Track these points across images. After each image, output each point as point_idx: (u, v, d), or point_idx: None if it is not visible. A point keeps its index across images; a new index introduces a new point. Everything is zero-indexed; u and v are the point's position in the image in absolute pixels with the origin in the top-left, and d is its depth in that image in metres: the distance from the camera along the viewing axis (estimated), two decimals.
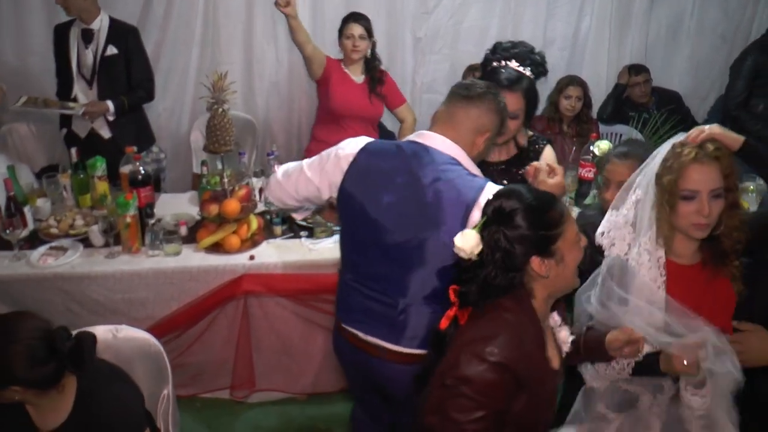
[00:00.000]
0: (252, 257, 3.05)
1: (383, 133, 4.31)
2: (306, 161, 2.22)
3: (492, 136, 2.13)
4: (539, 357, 1.67)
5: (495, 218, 1.65)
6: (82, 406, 1.90)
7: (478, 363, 1.56)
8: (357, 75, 4.02)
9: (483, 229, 1.66)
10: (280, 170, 2.31)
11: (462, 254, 1.64)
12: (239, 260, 3.03)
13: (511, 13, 4.68)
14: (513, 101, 2.33)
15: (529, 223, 1.62)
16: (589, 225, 2.21)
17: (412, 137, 2.11)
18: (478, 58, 4.41)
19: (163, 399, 2.22)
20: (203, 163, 3.68)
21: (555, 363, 1.75)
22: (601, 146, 3.27)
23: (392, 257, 2.02)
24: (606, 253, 1.95)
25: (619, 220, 1.94)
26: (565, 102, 4.26)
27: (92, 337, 1.90)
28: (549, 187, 2.10)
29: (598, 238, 1.97)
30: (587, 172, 3.44)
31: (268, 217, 3.31)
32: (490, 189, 1.93)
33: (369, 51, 4.00)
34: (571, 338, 1.81)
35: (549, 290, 1.70)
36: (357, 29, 3.91)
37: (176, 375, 2.99)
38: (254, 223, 3.15)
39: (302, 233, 3.23)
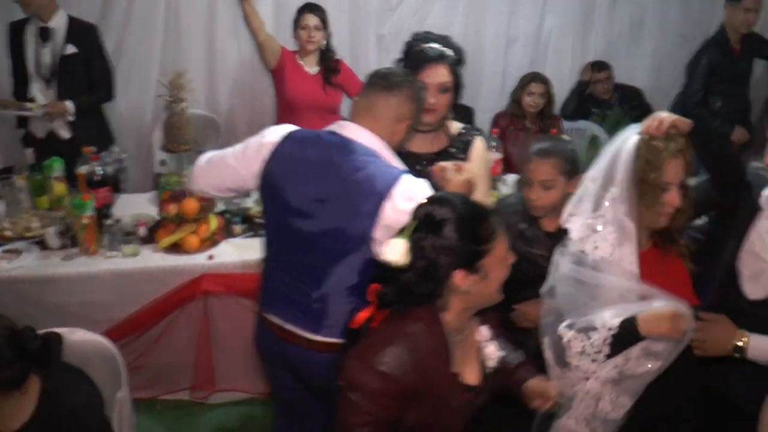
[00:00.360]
0: (211, 257, 3.03)
1: None
2: (229, 149, 2.21)
3: (412, 123, 2.14)
4: (440, 371, 1.63)
5: (424, 224, 1.61)
6: (47, 407, 1.85)
7: (365, 370, 1.56)
8: (311, 66, 4.00)
9: (412, 233, 1.62)
10: (203, 158, 2.28)
11: (391, 262, 1.61)
12: (198, 260, 3.01)
13: (474, 11, 4.71)
14: (441, 73, 2.33)
15: (458, 236, 1.57)
16: (512, 215, 2.32)
17: (332, 128, 2.11)
18: None
19: (117, 402, 2.18)
20: (162, 162, 3.65)
21: (471, 378, 1.72)
22: None
23: (312, 246, 2.03)
24: (589, 254, 1.94)
25: (598, 222, 1.94)
26: (528, 98, 4.28)
27: (58, 338, 1.87)
28: (456, 186, 2.10)
29: (580, 243, 1.96)
30: None
31: (228, 216, 3.29)
32: (406, 181, 1.95)
33: (324, 42, 3.98)
34: (499, 354, 1.79)
35: (467, 304, 1.67)
36: (312, 20, 3.89)
37: (136, 377, 2.98)
38: (213, 222, 3.12)
39: (261, 232, 3.20)
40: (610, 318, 1.90)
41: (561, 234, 2.23)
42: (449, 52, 2.39)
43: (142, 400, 3.09)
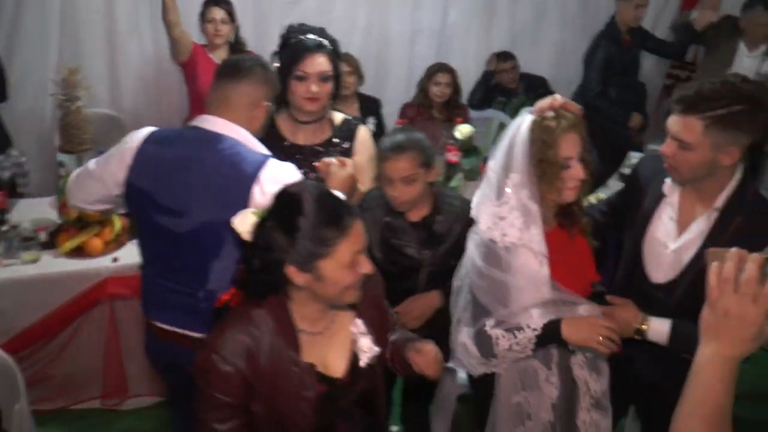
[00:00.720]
0: (116, 259, 2.94)
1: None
2: (92, 161, 2.16)
3: (270, 105, 2.15)
4: (287, 360, 1.63)
5: (275, 211, 1.59)
6: None
7: (208, 354, 1.59)
8: (222, 60, 3.92)
9: (266, 216, 1.60)
10: (75, 172, 2.23)
11: (238, 233, 1.61)
12: (103, 263, 2.92)
13: (378, 4, 4.75)
14: (321, 62, 2.36)
15: (301, 232, 1.53)
16: (376, 207, 2.35)
17: (193, 123, 2.10)
18: (346, 48, 4.46)
19: (16, 415, 2.10)
20: (61, 164, 3.51)
21: (335, 371, 1.72)
22: (463, 130, 3.36)
23: (188, 246, 2.02)
24: (498, 242, 1.96)
25: (502, 210, 1.96)
26: (434, 89, 4.33)
27: None
28: (339, 180, 2.13)
29: (489, 233, 1.97)
30: (453, 156, 3.53)
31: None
32: (272, 165, 1.98)
33: (233, 36, 3.92)
34: (376, 349, 1.78)
35: (312, 298, 1.64)
36: (218, 13, 3.84)
37: (41, 388, 2.88)
38: (117, 223, 3.03)
39: None
40: (537, 317, 1.96)
41: (426, 223, 2.34)
42: (326, 42, 2.40)
43: (50, 411, 2.98)
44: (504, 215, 1.96)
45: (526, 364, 2.07)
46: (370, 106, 4.37)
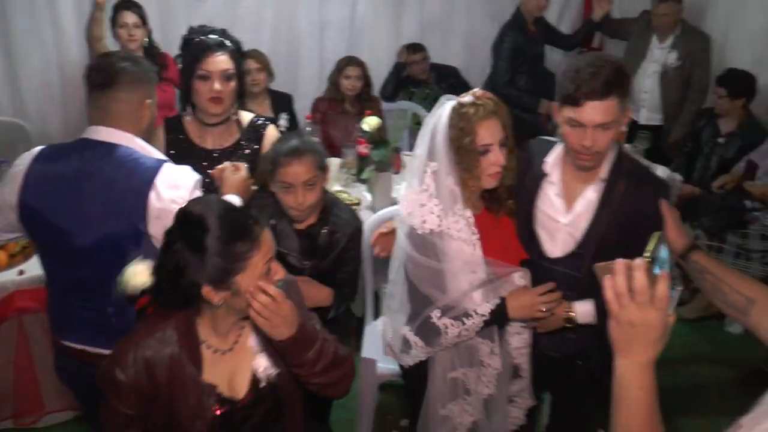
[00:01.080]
0: (22, 272, 2.85)
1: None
2: None
3: (153, 101, 2.08)
4: (187, 378, 1.62)
5: (178, 229, 1.56)
6: None
7: (108, 362, 1.61)
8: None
9: (168, 234, 1.58)
10: None
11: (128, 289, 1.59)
12: (8, 277, 2.82)
13: None
14: (223, 60, 2.36)
15: (210, 251, 1.50)
16: (262, 209, 2.31)
17: (84, 135, 2.03)
18: (256, 44, 4.43)
19: None
20: None
21: (237, 391, 1.69)
22: (370, 122, 3.39)
23: (90, 261, 1.96)
24: (418, 228, 1.99)
25: (422, 197, 1.99)
26: (345, 82, 4.34)
27: None
28: (233, 185, 2.14)
29: (409, 219, 2.02)
30: (363, 148, 3.56)
31: None
32: (167, 170, 1.93)
33: (146, 39, 3.84)
34: (270, 370, 1.74)
35: (227, 313, 1.63)
36: (130, 17, 3.75)
37: None
38: None
39: None
40: (479, 300, 2.03)
41: (311, 233, 2.35)
42: (228, 41, 2.41)
43: None
44: (424, 202, 1.99)
45: (466, 343, 2.12)
46: (281, 102, 4.35)
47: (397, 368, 2.63)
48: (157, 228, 1.83)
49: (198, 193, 1.96)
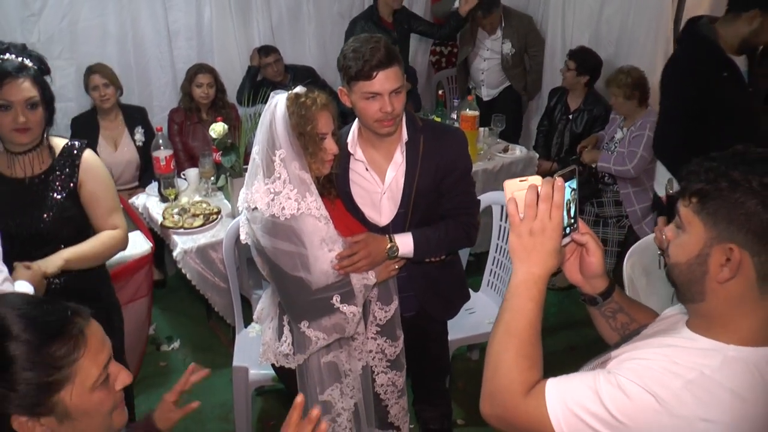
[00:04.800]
0: None
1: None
2: None
3: None
4: None
5: None
6: None
7: None
8: None
9: None
10: None
11: None
12: None
13: (126, 8, 4.57)
14: (26, 87, 2.12)
15: (18, 363, 1.12)
16: None
17: None
18: (102, 58, 4.26)
19: None
20: None
21: None
22: (217, 129, 3.32)
23: None
24: (280, 216, 2.05)
25: (276, 185, 2.05)
26: (197, 90, 4.26)
27: None
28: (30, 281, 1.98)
29: (269, 210, 2.06)
30: (217, 156, 3.50)
31: None
32: None
33: None
34: None
35: None
36: None
37: None
38: None
39: None
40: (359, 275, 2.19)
41: None
42: (30, 62, 2.19)
43: None
44: (279, 190, 2.06)
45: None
46: (135, 116, 4.22)
47: (270, 372, 2.63)
48: None
49: None
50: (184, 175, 3.87)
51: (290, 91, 2.09)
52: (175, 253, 3.31)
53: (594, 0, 4.98)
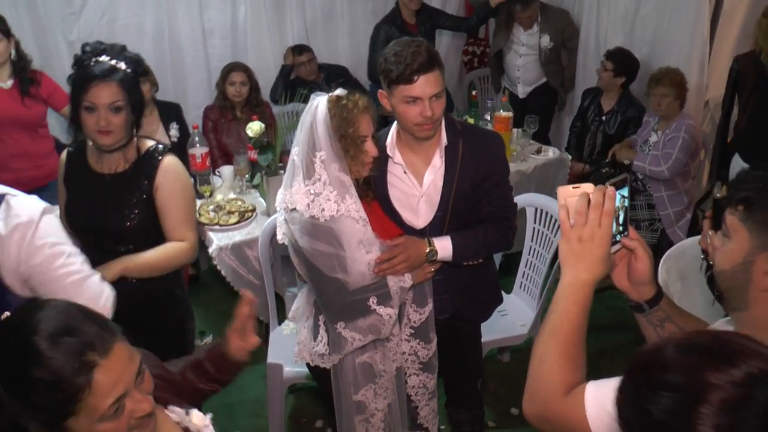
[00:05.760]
0: None
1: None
2: None
3: None
4: None
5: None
6: None
7: None
8: (4, 80, 3.61)
9: None
10: None
11: None
12: None
13: (163, 7, 4.64)
14: (111, 92, 2.16)
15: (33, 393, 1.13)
16: None
17: None
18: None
19: None
20: None
21: None
22: (253, 128, 3.36)
23: None
24: (319, 217, 2.06)
25: (316, 187, 2.06)
26: (231, 89, 4.30)
27: None
28: None
29: (308, 212, 2.07)
30: (253, 154, 3.54)
31: None
32: (11, 200, 1.72)
33: (13, 51, 3.63)
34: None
35: None
36: None
37: None
38: None
39: None
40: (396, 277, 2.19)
41: None
42: (122, 65, 2.21)
43: None
44: (318, 191, 2.07)
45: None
46: (169, 113, 4.24)
47: (304, 369, 2.65)
48: (14, 275, 1.70)
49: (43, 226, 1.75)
50: (218, 172, 3.91)
51: (331, 94, 2.10)
52: (210, 250, 3.35)
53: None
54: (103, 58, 2.20)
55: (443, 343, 2.47)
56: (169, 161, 2.31)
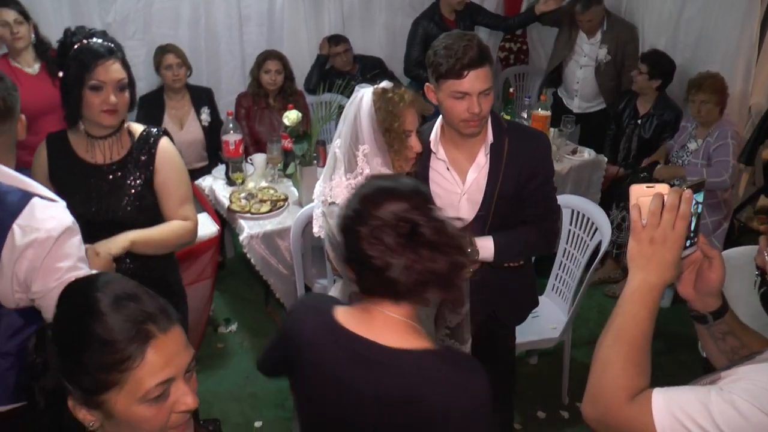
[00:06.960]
0: None
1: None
2: None
3: (13, 121, 1.86)
4: None
5: (61, 316, 1.20)
6: None
7: None
8: (30, 65, 3.62)
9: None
10: None
11: None
12: None
13: None
14: (117, 69, 2.12)
15: (93, 349, 1.12)
16: None
17: None
18: (174, 40, 4.30)
19: None
20: None
21: None
22: (290, 116, 3.33)
23: None
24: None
25: (359, 180, 2.03)
26: (265, 77, 4.27)
27: None
28: (99, 267, 1.96)
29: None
30: (287, 143, 3.51)
31: None
32: (37, 205, 1.68)
33: (33, 35, 3.61)
34: None
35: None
36: (10, 14, 3.47)
37: None
38: None
39: None
40: None
41: None
42: (115, 46, 2.17)
43: None
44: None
45: None
46: (201, 97, 4.25)
47: None
48: (32, 276, 1.65)
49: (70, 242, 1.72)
50: (250, 160, 3.88)
51: (377, 86, 2.05)
52: (241, 237, 3.32)
53: (674, 1, 4.73)
54: (95, 40, 2.15)
55: (478, 344, 2.42)
56: (165, 143, 2.29)
